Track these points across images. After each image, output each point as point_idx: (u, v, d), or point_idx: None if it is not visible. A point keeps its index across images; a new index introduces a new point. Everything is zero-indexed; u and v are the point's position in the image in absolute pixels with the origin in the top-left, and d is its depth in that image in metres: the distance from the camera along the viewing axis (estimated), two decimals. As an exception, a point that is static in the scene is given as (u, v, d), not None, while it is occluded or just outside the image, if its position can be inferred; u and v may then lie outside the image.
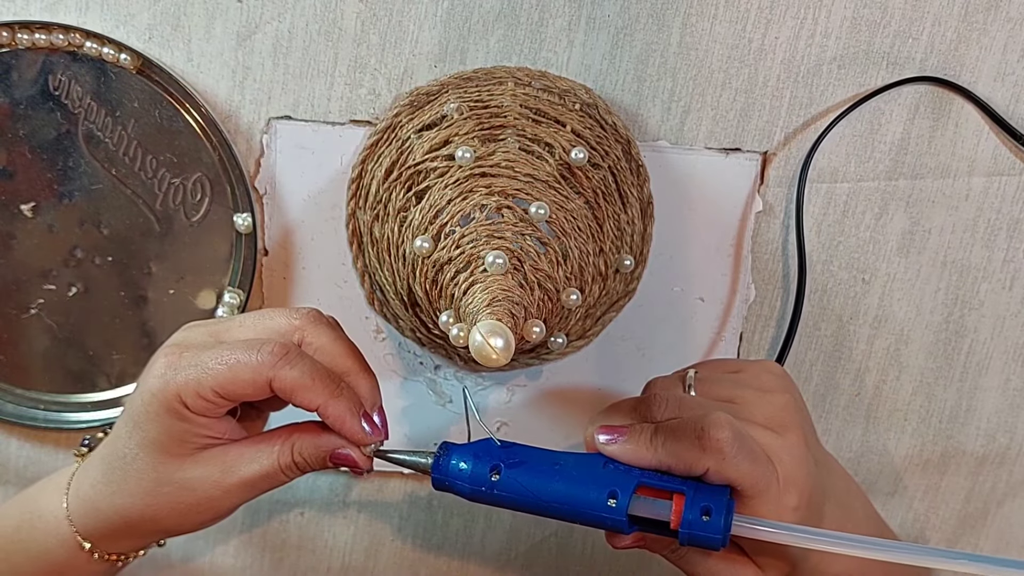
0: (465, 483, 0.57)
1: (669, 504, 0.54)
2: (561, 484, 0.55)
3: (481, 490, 0.56)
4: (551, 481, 0.55)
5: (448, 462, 0.57)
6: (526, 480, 0.56)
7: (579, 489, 0.55)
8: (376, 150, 0.67)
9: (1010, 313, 0.73)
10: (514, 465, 0.56)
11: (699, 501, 0.54)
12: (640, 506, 0.54)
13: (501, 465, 0.56)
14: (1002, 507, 0.77)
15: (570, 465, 0.56)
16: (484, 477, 0.56)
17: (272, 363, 0.55)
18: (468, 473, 0.57)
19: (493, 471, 0.56)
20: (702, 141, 0.69)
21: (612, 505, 0.54)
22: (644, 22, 0.67)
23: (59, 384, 0.72)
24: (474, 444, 0.58)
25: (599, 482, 0.55)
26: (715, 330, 0.72)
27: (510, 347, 0.54)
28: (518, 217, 0.62)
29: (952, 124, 0.69)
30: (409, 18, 0.66)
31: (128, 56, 0.66)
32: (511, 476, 0.56)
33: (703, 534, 0.53)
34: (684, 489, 0.54)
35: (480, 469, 0.56)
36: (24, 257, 0.69)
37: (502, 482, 0.56)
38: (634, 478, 0.55)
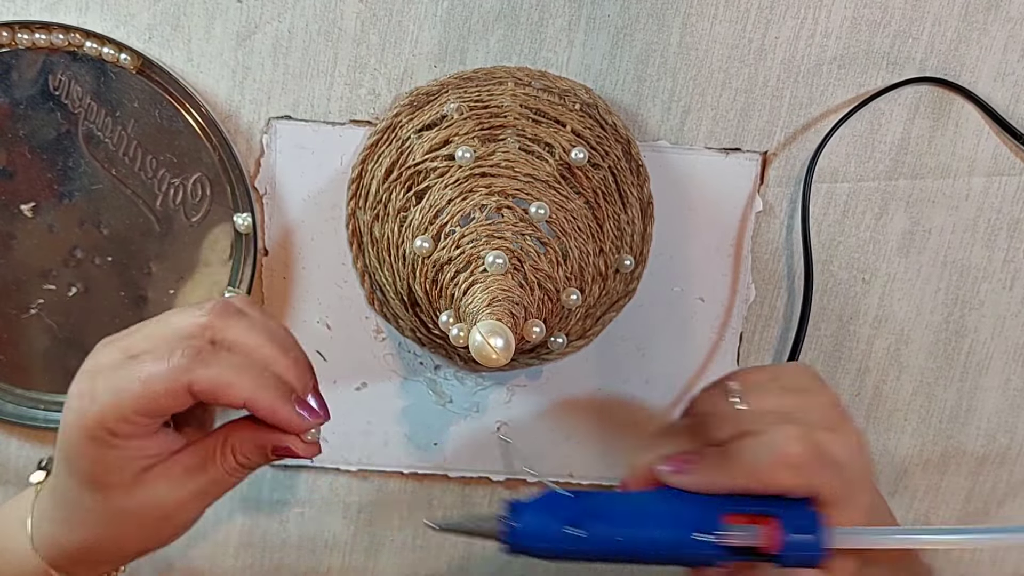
0: (546, 544, 0.52)
1: (758, 528, 0.52)
2: (651, 528, 0.52)
3: (565, 547, 0.52)
4: (639, 526, 0.52)
5: (523, 525, 0.53)
6: (612, 530, 0.52)
7: (669, 529, 0.52)
8: (376, 150, 0.67)
9: (1010, 313, 0.73)
10: (594, 516, 0.53)
11: (791, 520, 0.52)
12: (734, 535, 0.52)
13: (582, 519, 0.52)
14: (1002, 507, 0.77)
15: (648, 505, 0.54)
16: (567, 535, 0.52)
17: (185, 367, 0.52)
18: (548, 532, 0.52)
19: (573, 525, 0.52)
20: (702, 141, 0.69)
21: (706, 540, 0.52)
22: (644, 22, 0.67)
23: (59, 384, 0.72)
24: (540, 500, 0.54)
25: (686, 518, 0.52)
26: (715, 330, 0.72)
27: (510, 347, 0.54)
28: (518, 217, 0.62)
29: (952, 124, 0.69)
30: (409, 18, 0.66)
31: (128, 56, 0.66)
32: (595, 527, 0.52)
33: (805, 553, 0.52)
34: (773, 511, 0.52)
35: (557, 526, 0.52)
36: (24, 257, 0.69)
37: (590, 536, 0.52)
38: (715, 507, 0.53)
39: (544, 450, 0.74)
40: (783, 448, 0.52)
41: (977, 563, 0.78)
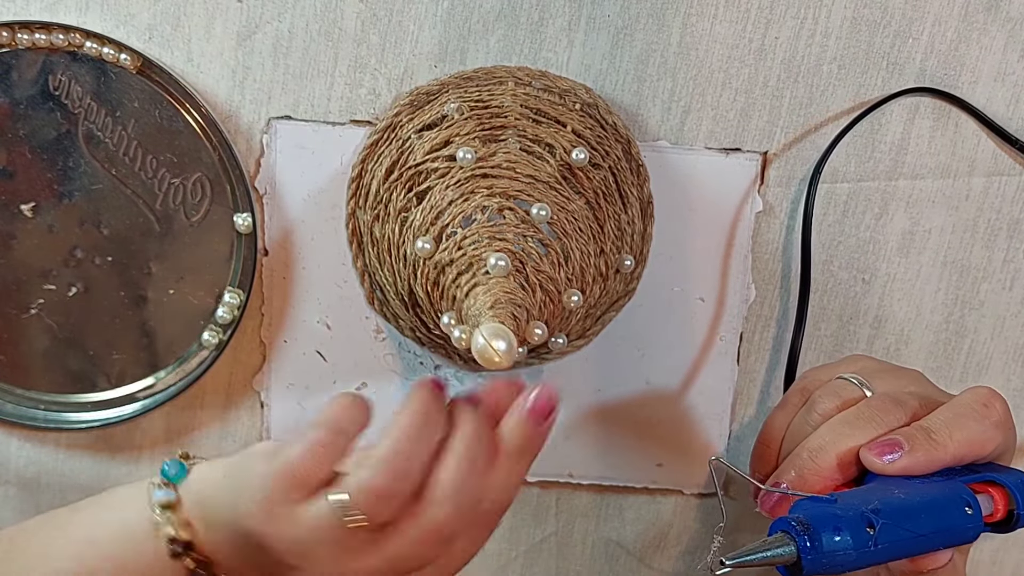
0: (851, 552, 0.48)
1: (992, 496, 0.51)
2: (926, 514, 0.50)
3: (867, 551, 0.48)
4: (918, 515, 0.50)
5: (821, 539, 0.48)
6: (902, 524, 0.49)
7: (941, 512, 0.50)
8: (376, 150, 0.67)
9: (1010, 313, 0.73)
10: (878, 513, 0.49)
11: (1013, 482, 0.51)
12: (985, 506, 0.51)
13: (872, 518, 0.49)
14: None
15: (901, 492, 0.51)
16: (866, 537, 0.48)
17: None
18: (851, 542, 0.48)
19: (868, 526, 0.48)
20: (702, 141, 0.69)
21: (970, 514, 0.50)
22: (644, 22, 0.67)
23: (59, 384, 0.72)
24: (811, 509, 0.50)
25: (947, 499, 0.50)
26: (715, 330, 0.72)
27: (513, 349, 0.54)
28: (520, 218, 0.62)
29: (952, 124, 0.69)
30: (409, 18, 0.66)
31: (128, 56, 0.66)
32: (888, 526, 0.49)
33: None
34: (993, 477, 0.51)
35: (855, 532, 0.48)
36: (24, 257, 0.69)
37: (882, 536, 0.48)
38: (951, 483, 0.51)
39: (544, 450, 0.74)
40: (990, 407, 0.52)
41: (977, 563, 0.78)
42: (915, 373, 0.60)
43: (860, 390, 0.57)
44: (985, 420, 0.52)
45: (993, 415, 0.52)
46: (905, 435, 0.52)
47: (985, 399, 0.53)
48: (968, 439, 0.52)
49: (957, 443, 0.52)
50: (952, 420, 0.52)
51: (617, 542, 0.78)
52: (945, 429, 0.52)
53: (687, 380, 0.73)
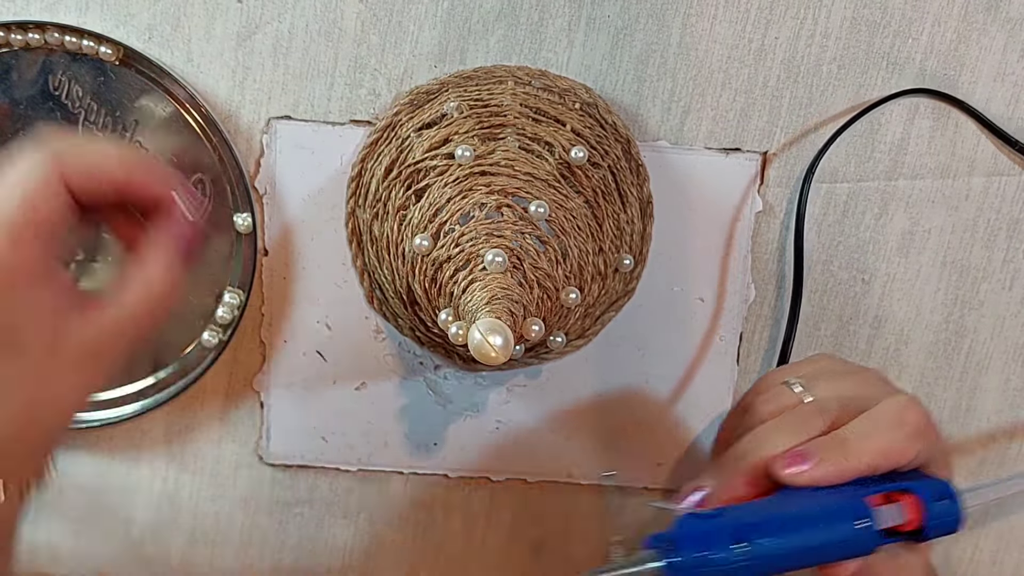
0: (716, 568, 0.49)
1: (900, 505, 0.51)
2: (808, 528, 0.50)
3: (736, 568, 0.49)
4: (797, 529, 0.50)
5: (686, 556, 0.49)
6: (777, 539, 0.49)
7: (827, 526, 0.50)
8: (376, 148, 0.68)
9: (1010, 313, 0.73)
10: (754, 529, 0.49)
11: (927, 490, 0.51)
12: (884, 517, 0.51)
13: (743, 535, 0.49)
14: (1002, 507, 0.77)
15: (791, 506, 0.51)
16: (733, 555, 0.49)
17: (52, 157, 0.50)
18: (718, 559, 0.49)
19: (738, 543, 0.49)
20: (702, 141, 0.69)
21: (863, 527, 0.50)
22: (644, 22, 0.67)
23: (59, 384, 0.72)
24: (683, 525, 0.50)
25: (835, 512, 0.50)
26: (715, 330, 0.72)
27: (509, 345, 0.54)
28: (518, 216, 0.62)
29: (952, 125, 0.69)
30: (409, 18, 0.66)
31: (127, 56, 0.66)
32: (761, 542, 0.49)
33: (950, 519, 0.51)
34: (908, 486, 0.51)
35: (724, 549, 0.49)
36: (24, 257, 0.69)
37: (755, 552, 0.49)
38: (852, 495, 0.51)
39: (543, 450, 0.74)
40: (905, 417, 0.52)
41: (977, 563, 0.78)
42: (869, 374, 0.59)
43: (797, 396, 0.57)
44: (900, 430, 0.52)
45: (909, 425, 0.52)
46: (818, 446, 0.52)
47: (902, 408, 0.52)
48: (882, 449, 0.51)
49: (871, 453, 0.51)
50: (867, 430, 0.52)
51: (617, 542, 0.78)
52: (858, 439, 0.51)
53: (687, 380, 0.73)
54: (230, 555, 0.78)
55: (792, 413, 0.55)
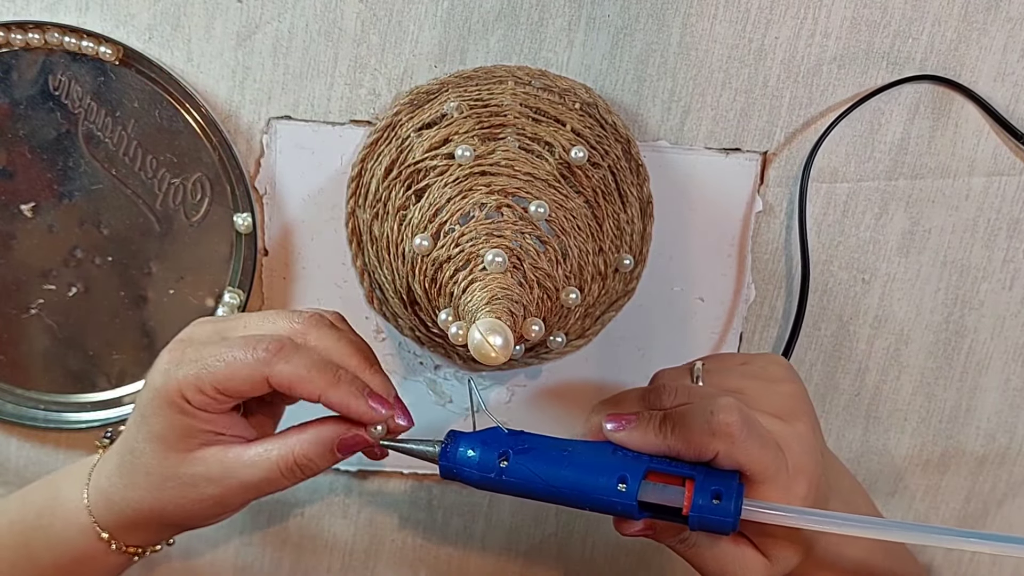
0: (473, 470, 0.56)
1: (680, 490, 0.54)
2: (570, 470, 0.55)
3: (490, 476, 0.56)
4: (560, 467, 0.55)
5: (456, 450, 0.57)
6: (535, 466, 0.55)
7: (588, 474, 0.55)
8: (376, 148, 0.68)
9: (1010, 313, 0.73)
10: (522, 451, 0.56)
11: (709, 485, 0.53)
12: (650, 492, 0.54)
13: (509, 451, 0.56)
14: (1002, 507, 0.77)
15: (579, 451, 0.56)
16: (492, 464, 0.56)
17: (267, 360, 0.55)
18: (476, 460, 0.56)
19: (501, 457, 0.56)
20: (702, 141, 0.69)
21: (622, 490, 0.54)
22: (644, 22, 0.67)
23: (59, 384, 0.72)
24: (482, 432, 0.58)
25: (608, 468, 0.55)
26: (715, 330, 0.72)
27: (509, 345, 0.54)
28: (518, 216, 0.62)
29: (952, 124, 0.69)
30: (409, 18, 0.66)
31: (127, 56, 0.66)
32: (519, 462, 0.56)
33: (714, 518, 0.53)
34: (694, 474, 0.54)
35: (488, 456, 0.56)
36: (24, 257, 0.69)
37: (511, 468, 0.56)
38: (643, 464, 0.55)
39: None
40: (716, 416, 0.54)
41: (977, 563, 0.78)
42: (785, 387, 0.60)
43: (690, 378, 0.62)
44: (705, 425, 0.54)
45: (716, 424, 0.53)
46: (642, 415, 0.56)
47: (716, 407, 0.54)
48: (684, 437, 0.54)
49: (675, 437, 0.55)
50: (683, 417, 0.55)
51: (617, 542, 0.78)
52: (671, 422, 0.55)
53: (687, 380, 0.73)
54: (230, 554, 0.78)
55: (655, 387, 0.61)
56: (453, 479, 0.57)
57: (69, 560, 0.61)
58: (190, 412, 0.56)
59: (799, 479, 0.55)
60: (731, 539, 0.56)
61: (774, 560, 0.56)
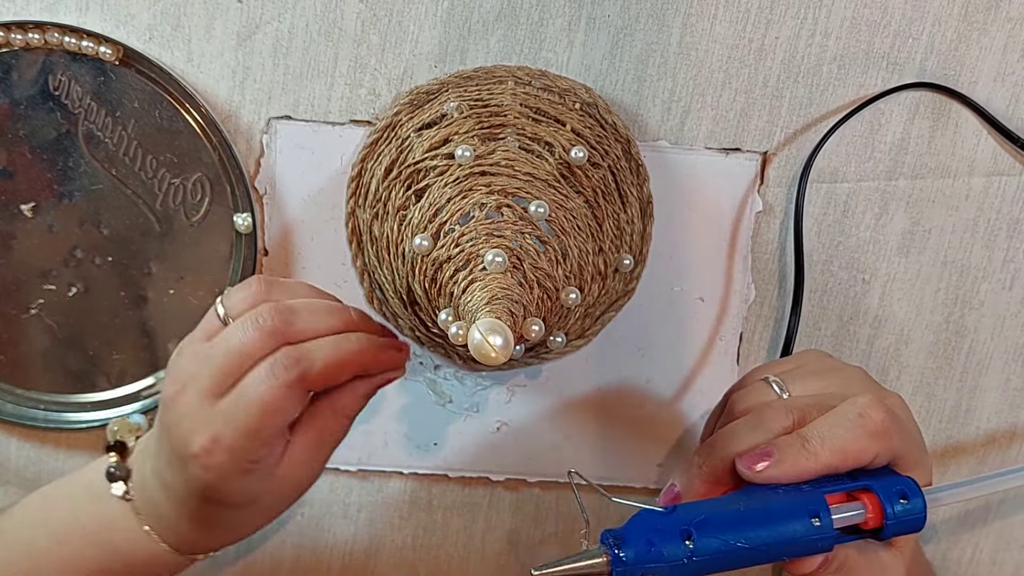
0: (661, 564, 0.49)
1: (861, 503, 0.52)
2: (760, 525, 0.50)
3: (682, 564, 0.49)
4: (748, 526, 0.50)
5: (631, 551, 0.49)
6: (725, 535, 0.50)
7: (779, 523, 0.50)
8: (376, 148, 0.68)
9: (1010, 313, 0.73)
10: (701, 525, 0.50)
11: (888, 489, 0.51)
12: (839, 516, 0.51)
13: (691, 530, 0.50)
14: (1002, 507, 0.77)
15: (747, 504, 0.51)
16: (680, 550, 0.49)
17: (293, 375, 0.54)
18: (661, 554, 0.49)
19: (686, 539, 0.49)
20: (702, 141, 0.69)
21: (818, 525, 0.50)
22: (644, 22, 0.67)
23: (59, 384, 0.72)
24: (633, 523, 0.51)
25: (790, 509, 0.51)
26: (715, 330, 0.72)
27: (509, 345, 0.54)
28: (518, 216, 0.62)
29: (952, 124, 0.69)
30: (409, 18, 0.66)
31: (127, 56, 0.66)
32: (708, 537, 0.50)
33: (909, 518, 0.51)
34: (867, 484, 0.52)
35: (670, 544, 0.49)
36: (24, 257, 0.69)
37: (700, 547, 0.49)
38: (812, 493, 0.51)
39: (544, 450, 0.74)
40: (869, 416, 0.52)
41: (977, 563, 0.78)
42: (850, 372, 0.59)
43: (774, 393, 0.58)
44: (858, 429, 0.52)
45: (869, 424, 0.52)
46: (779, 444, 0.52)
47: (862, 408, 0.52)
48: (840, 448, 0.51)
49: (829, 452, 0.51)
50: (827, 429, 0.52)
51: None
52: (817, 439, 0.52)
53: (687, 380, 0.73)
54: (231, 554, 0.78)
55: (760, 411, 0.55)
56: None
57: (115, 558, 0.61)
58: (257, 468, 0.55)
59: (926, 453, 0.54)
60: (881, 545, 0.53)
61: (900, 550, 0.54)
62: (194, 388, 0.55)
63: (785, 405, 0.55)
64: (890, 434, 0.52)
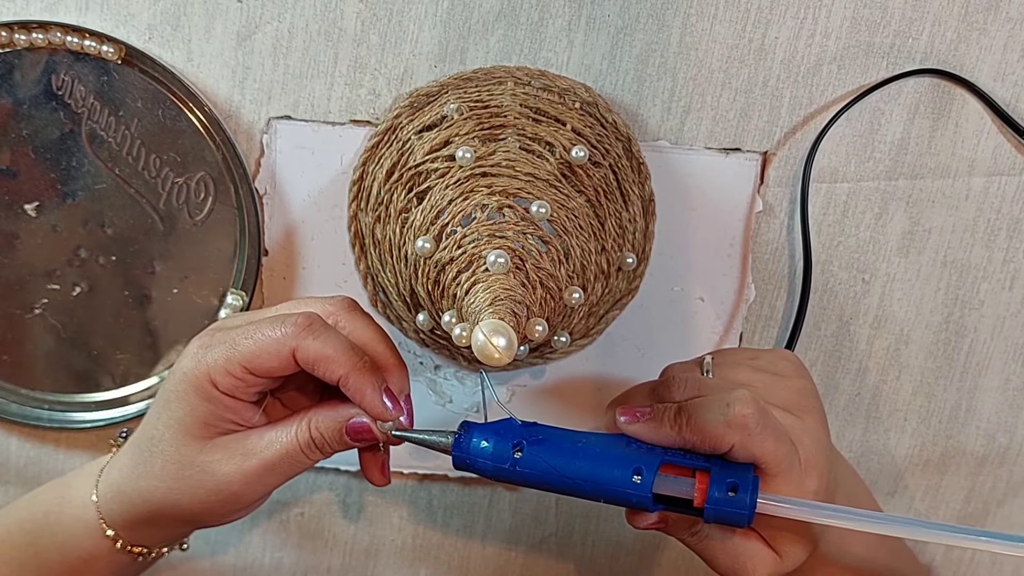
0: (487, 460, 0.56)
1: (693, 482, 0.54)
2: (585, 461, 0.55)
3: (504, 467, 0.56)
4: (575, 458, 0.55)
5: (470, 440, 0.56)
6: (549, 457, 0.55)
7: (603, 466, 0.55)
8: (377, 152, 0.68)
9: (1010, 313, 0.73)
10: (537, 442, 0.56)
11: (724, 478, 0.53)
12: (665, 484, 0.54)
13: (524, 442, 0.56)
14: (1002, 507, 0.77)
15: (593, 443, 0.56)
16: (507, 454, 0.55)
17: (295, 334, 0.55)
18: (490, 451, 0.56)
19: (516, 448, 0.55)
20: (702, 141, 0.69)
21: (637, 482, 0.54)
22: (644, 22, 0.67)
23: (63, 384, 0.73)
24: (495, 423, 0.57)
25: (623, 460, 0.55)
26: (715, 330, 0.72)
27: (512, 346, 0.54)
28: (519, 216, 0.62)
29: (952, 124, 0.69)
30: (409, 18, 0.66)
31: (130, 55, 0.66)
32: (534, 453, 0.55)
33: (730, 510, 0.53)
34: (708, 466, 0.54)
35: (502, 447, 0.56)
36: (28, 257, 0.70)
37: (525, 459, 0.55)
38: (658, 456, 0.55)
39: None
40: (733, 408, 0.53)
41: (977, 563, 0.78)
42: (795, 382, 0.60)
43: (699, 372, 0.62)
44: (720, 417, 0.54)
45: (732, 416, 0.53)
46: (657, 408, 0.56)
47: (732, 399, 0.54)
48: (700, 428, 0.54)
49: (690, 429, 0.54)
50: (698, 409, 0.55)
51: (617, 542, 0.78)
52: (686, 414, 0.55)
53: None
54: (231, 554, 0.78)
55: (667, 380, 0.61)
56: (466, 469, 0.57)
57: (75, 559, 0.61)
58: (215, 399, 0.56)
59: (811, 473, 0.55)
60: (742, 533, 0.56)
61: (784, 555, 0.56)
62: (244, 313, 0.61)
63: (687, 380, 0.60)
64: (749, 431, 0.53)
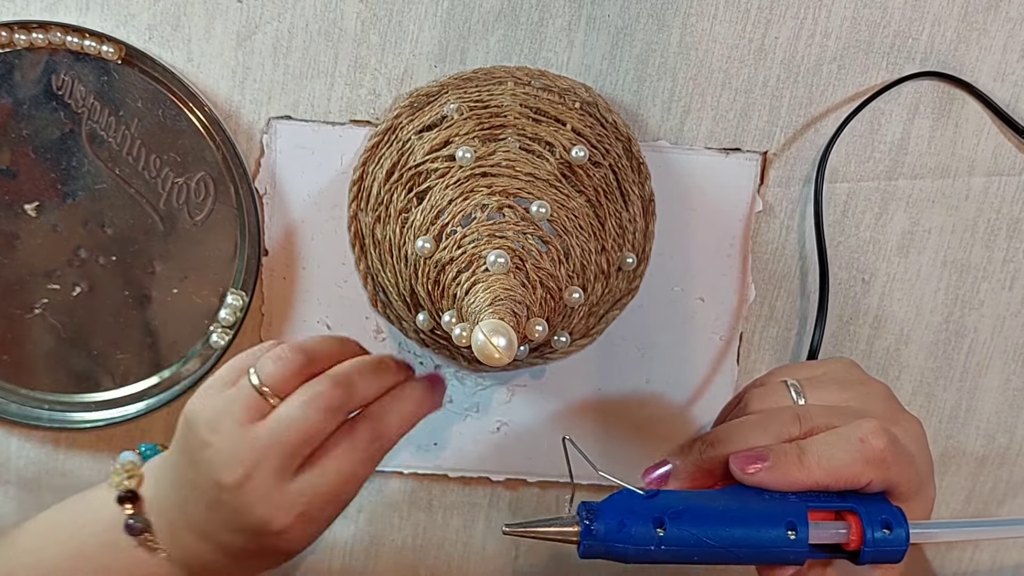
0: (628, 545, 0.50)
1: (846, 524, 0.51)
2: (734, 526, 0.51)
3: (649, 549, 0.50)
4: (722, 525, 0.51)
5: (602, 526, 0.51)
6: (696, 529, 0.50)
7: (753, 528, 0.51)
8: (377, 152, 0.68)
9: (1010, 313, 0.73)
10: (677, 515, 0.51)
11: (874, 515, 0.51)
12: (818, 533, 0.51)
13: (665, 519, 0.50)
14: (1002, 507, 0.77)
15: (727, 502, 0.52)
16: (650, 535, 0.50)
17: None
18: (630, 534, 0.50)
19: (658, 526, 0.50)
20: (702, 141, 0.69)
21: (792, 538, 0.50)
22: (644, 22, 0.67)
23: (63, 384, 0.72)
24: (614, 500, 0.52)
25: (768, 516, 0.51)
26: (715, 330, 0.72)
27: (512, 346, 0.54)
28: (519, 216, 0.62)
29: (952, 124, 0.69)
30: (409, 18, 0.66)
31: (130, 55, 0.66)
32: (679, 528, 0.50)
33: (889, 549, 0.51)
34: (853, 507, 0.52)
35: (643, 527, 0.50)
36: (28, 257, 0.70)
37: (670, 536, 0.50)
38: (799, 504, 0.51)
39: (544, 450, 0.74)
40: (868, 442, 0.51)
41: (977, 563, 0.78)
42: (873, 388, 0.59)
43: (791, 398, 0.57)
44: (856, 454, 0.51)
45: (868, 451, 0.51)
46: (776, 451, 0.52)
47: (864, 434, 0.52)
48: (835, 469, 0.51)
49: (823, 470, 0.51)
50: (826, 448, 0.52)
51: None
52: (815, 455, 0.52)
53: (687, 380, 0.73)
54: (232, 554, 0.78)
55: (770, 413, 0.55)
56: (598, 557, 0.51)
57: None
58: None
59: (929, 483, 0.54)
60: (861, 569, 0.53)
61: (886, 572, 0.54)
62: (262, 473, 0.55)
63: (795, 412, 0.55)
64: (887, 464, 0.51)
